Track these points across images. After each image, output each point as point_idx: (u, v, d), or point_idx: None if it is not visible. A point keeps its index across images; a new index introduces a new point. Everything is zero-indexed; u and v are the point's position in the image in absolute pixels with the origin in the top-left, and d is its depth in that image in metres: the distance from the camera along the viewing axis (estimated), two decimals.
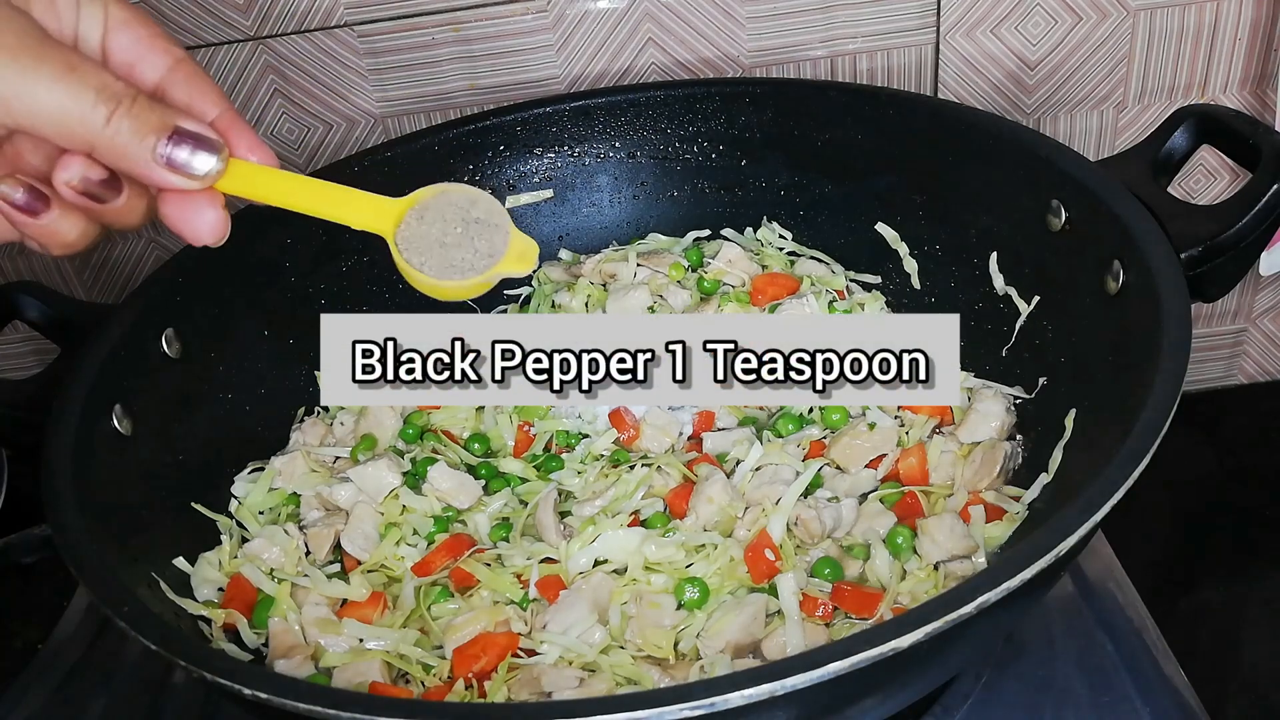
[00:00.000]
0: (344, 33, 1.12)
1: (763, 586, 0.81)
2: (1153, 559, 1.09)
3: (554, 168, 1.11)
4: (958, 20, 1.14)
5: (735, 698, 0.55)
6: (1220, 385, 1.36)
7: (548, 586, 0.82)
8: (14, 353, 1.29)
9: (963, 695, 0.84)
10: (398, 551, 0.87)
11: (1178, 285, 0.75)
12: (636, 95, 1.09)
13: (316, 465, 0.94)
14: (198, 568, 0.85)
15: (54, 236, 0.63)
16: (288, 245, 1.02)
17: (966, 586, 0.59)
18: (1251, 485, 1.18)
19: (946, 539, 0.81)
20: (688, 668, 0.76)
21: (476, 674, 0.77)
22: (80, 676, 0.98)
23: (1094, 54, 1.16)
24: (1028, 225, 0.90)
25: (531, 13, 1.12)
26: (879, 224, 1.04)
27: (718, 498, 0.86)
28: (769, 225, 1.09)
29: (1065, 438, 0.83)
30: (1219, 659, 0.99)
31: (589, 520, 0.86)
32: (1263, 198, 0.77)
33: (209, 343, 0.95)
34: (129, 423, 0.85)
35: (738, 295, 1.04)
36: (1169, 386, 0.68)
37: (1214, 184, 1.23)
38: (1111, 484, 0.63)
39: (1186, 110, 0.85)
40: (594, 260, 1.09)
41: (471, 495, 0.91)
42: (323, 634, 0.81)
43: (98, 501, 0.77)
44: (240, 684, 0.61)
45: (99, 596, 0.69)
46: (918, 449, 0.90)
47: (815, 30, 1.14)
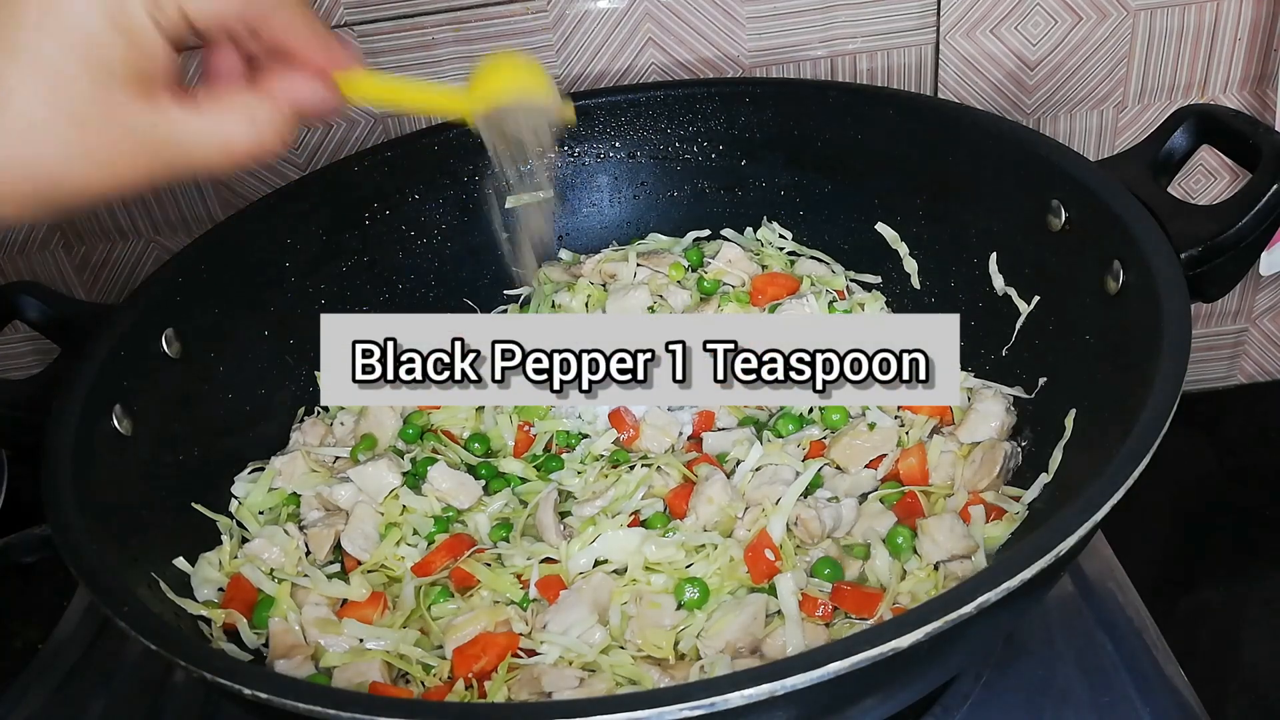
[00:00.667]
0: (344, 33, 1.12)
1: (763, 586, 0.81)
2: (1153, 559, 1.09)
3: (554, 167, 1.11)
4: (958, 20, 1.14)
5: (735, 698, 0.55)
6: (1220, 385, 1.36)
7: (548, 586, 0.82)
8: (14, 353, 1.29)
9: (963, 695, 0.84)
10: (398, 552, 0.87)
11: (1178, 285, 0.74)
12: (636, 95, 1.09)
13: (316, 465, 0.94)
14: (198, 568, 0.85)
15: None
16: (288, 245, 1.02)
17: (966, 586, 0.59)
18: (1251, 485, 1.18)
19: (946, 539, 0.81)
20: (687, 668, 0.76)
21: (476, 674, 0.77)
22: (80, 676, 0.98)
23: (1094, 54, 1.16)
24: (1028, 225, 0.90)
25: (531, 13, 1.12)
26: (879, 224, 1.04)
27: (717, 498, 0.86)
28: (769, 225, 1.09)
29: (1065, 438, 0.83)
30: (1219, 659, 0.99)
31: (589, 520, 0.86)
32: (1263, 198, 0.77)
33: (209, 343, 0.95)
34: (129, 423, 0.85)
35: (738, 295, 1.04)
36: (1169, 386, 0.68)
37: (1214, 184, 1.23)
38: (1111, 484, 0.63)
39: (1186, 110, 0.85)
40: (594, 260, 1.09)
41: (471, 495, 0.91)
42: (323, 634, 0.81)
43: (98, 501, 0.77)
44: (240, 684, 0.61)
45: (99, 596, 0.69)
46: (918, 449, 0.90)
47: (815, 30, 1.14)
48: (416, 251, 1.09)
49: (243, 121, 0.59)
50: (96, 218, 1.20)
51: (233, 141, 0.59)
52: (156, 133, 0.56)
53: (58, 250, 1.22)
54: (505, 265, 1.11)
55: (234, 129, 0.58)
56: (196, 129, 0.57)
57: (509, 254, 1.00)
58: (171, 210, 1.20)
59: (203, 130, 0.58)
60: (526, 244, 0.94)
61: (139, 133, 0.55)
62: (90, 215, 1.20)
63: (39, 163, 0.54)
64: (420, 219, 1.08)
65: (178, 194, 1.19)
